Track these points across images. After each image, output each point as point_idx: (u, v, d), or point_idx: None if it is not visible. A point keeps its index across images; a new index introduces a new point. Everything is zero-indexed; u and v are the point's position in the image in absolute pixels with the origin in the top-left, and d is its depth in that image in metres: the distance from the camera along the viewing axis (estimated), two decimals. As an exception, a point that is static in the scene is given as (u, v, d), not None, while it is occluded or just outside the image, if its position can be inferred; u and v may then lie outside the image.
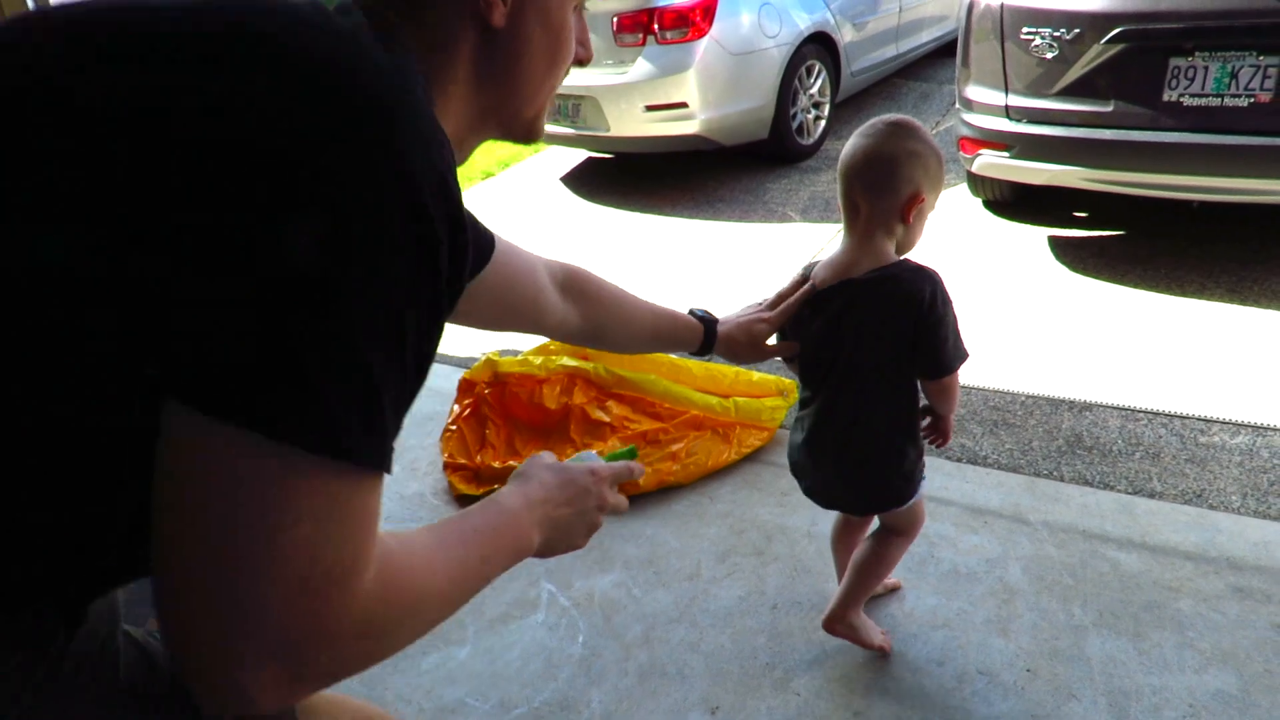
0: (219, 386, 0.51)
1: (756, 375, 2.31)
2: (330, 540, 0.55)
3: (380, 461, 0.57)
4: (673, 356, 2.35)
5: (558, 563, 1.85)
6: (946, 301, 1.25)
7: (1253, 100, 2.52)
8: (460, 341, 2.88)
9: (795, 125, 4.52)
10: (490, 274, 1.01)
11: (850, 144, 1.28)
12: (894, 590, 1.69)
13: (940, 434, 1.41)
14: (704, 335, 1.30)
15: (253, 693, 0.54)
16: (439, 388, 2.63)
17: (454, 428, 2.23)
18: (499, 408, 2.25)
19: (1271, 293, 2.81)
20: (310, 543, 0.54)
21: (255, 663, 0.53)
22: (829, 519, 1.91)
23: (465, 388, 2.30)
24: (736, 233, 3.90)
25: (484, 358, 2.33)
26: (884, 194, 1.25)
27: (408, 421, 0.64)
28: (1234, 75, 2.52)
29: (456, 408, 2.28)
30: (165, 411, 0.53)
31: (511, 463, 2.09)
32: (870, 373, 1.31)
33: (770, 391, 2.27)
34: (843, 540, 1.60)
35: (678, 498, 2.04)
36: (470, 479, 2.11)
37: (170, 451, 0.52)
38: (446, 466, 2.16)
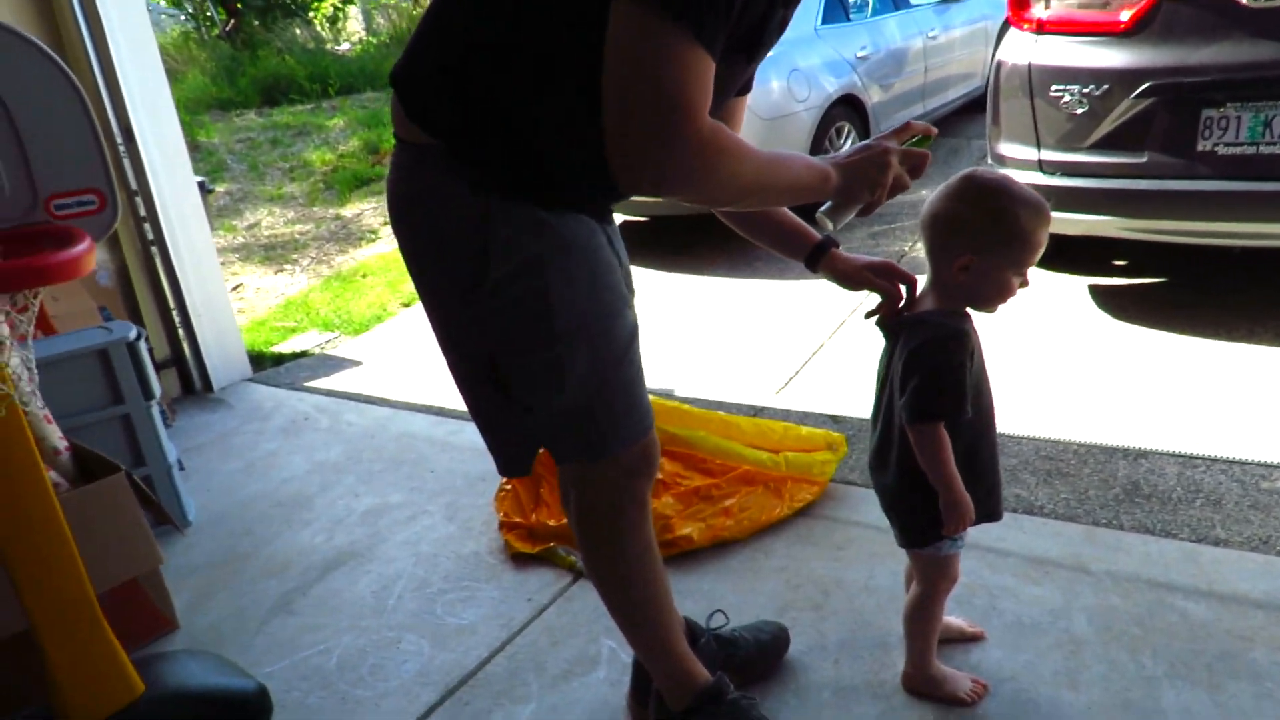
0: None
1: (805, 430, 2.34)
2: (681, 85, 0.93)
3: (711, 48, 0.95)
4: (723, 414, 2.38)
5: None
6: (940, 355, 1.31)
7: (1289, 147, 2.54)
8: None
9: (827, 184, 4.60)
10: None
11: None
12: (976, 639, 1.68)
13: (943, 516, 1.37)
14: (811, 252, 1.46)
15: (639, 168, 0.97)
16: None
17: (509, 487, 2.27)
18: (553, 466, 2.29)
19: (1322, 336, 2.79)
20: (671, 77, 0.93)
21: (637, 145, 0.96)
22: (884, 572, 1.91)
23: (519, 448, 2.35)
24: (773, 290, 3.96)
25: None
26: (931, 251, 1.36)
27: (460, 483, 0.78)
28: (1268, 124, 2.55)
29: (511, 467, 2.32)
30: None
31: (566, 520, 2.11)
32: (897, 408, 1.38)
33: (819, 446, 2.28)
34: (908, 579, 1.62)
35: (732, 553, 2.05)
36: (525, 537, 2.14)
37: (611, 27, 0.94)
38: (502, 525, 2.19)
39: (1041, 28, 2.95)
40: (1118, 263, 3.60)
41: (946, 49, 5.50)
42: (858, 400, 2.78)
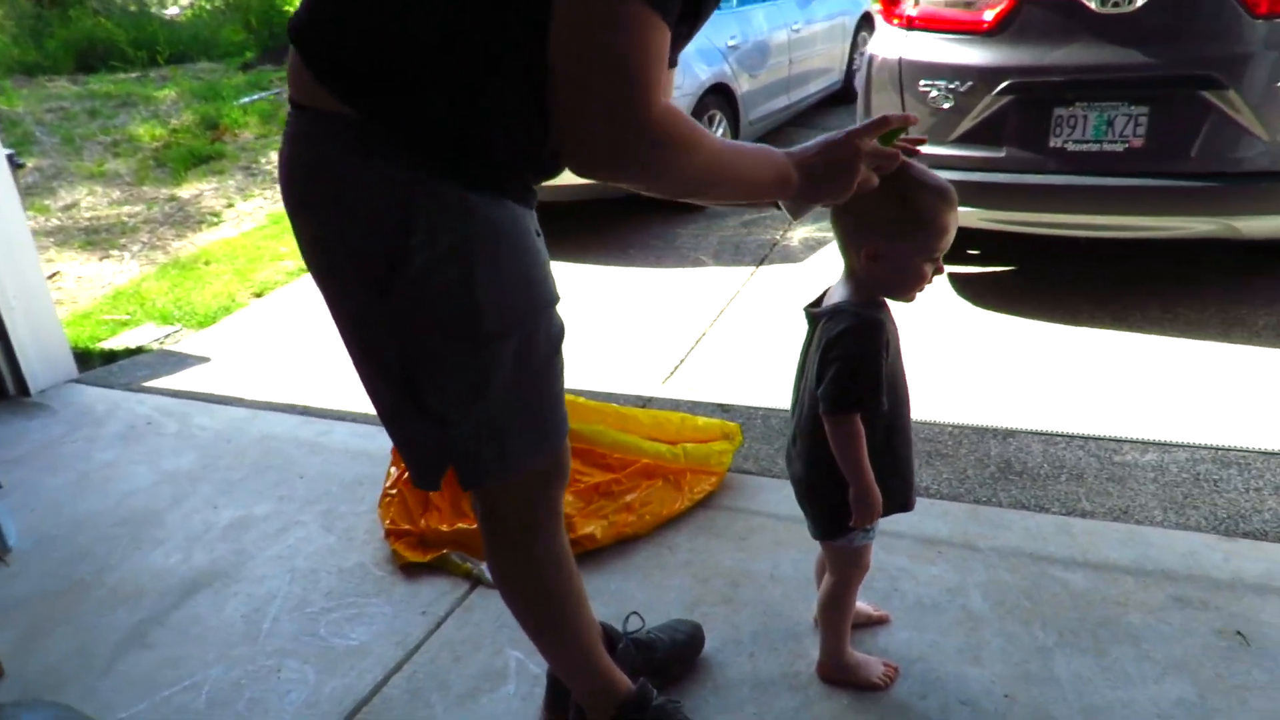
0: None
1: (702, 420, 2.31)
2: (637, 57, 0.86)
3: (668, 17, 0.87)
4: (618, 406, 2.32)
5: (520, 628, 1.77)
6: (856, 346, 1.30)
7: (1127, 145, 2.77)
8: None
9: (700, 172, 4.63)
10: None
11: None
12: (882, 622, 1.70)
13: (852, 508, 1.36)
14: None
15: (591, 151, 0.90)
16: (363, 449, 2.51)
17: (394, 491, 2.11)
18: (440, 467, 2.16)
19: (1151, 318, 3.07)
20: (628, 54, 0.85)
21: (591, 127, 0.88)
22: (789, 562, 1.92)
23: (403, 449, 2.19)
24: (651, 278, 3.94)
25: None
26: (841, 243, 1.34)
27: (336, 489, 0.63)
28: (1110, 123, 2.76)
29: (394, 470, 2.16)
30: None
31: (460, 525, 2.00)
32: (811, 399, 1.37)
33: (716, 436, 2.27)
34: (819, 568, 1.62)
35: (636, 550, 2.00)
36: (416, 545, 2.00)
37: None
38: (389, 533, 2.04)
39: (911, 24, 3.07)
40: (972, 251, 3.82)
41: (809, 42, 5.66)
42: (745, 388, 2.79)
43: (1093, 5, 2.70)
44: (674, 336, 3.26)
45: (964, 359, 2.90)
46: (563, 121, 0.89)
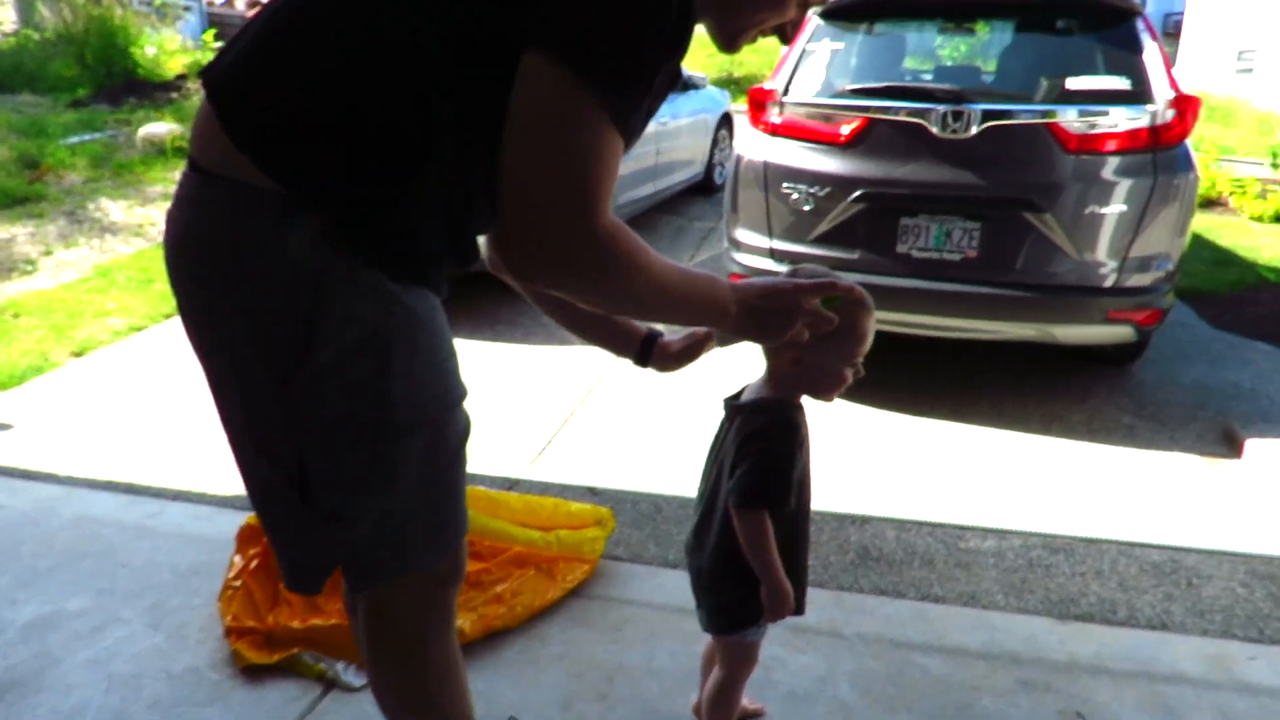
0: (571, 41, 0.84)
1: (575, 506, 2.28)
2: (593, 168, 0.85)
3: (625, 135, 0.89)
4: (489, 490, 2.25)
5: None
6: (772, 443, 1.33)
7: (963, 255, 3.06)
8: (239, 481, 2.53)
9: (569, 251, 4.68)
10: None
11: None
12: (757, 715, 1.70)
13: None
14: (640, 349, 1.37)
15: (535, 257, 0.88)
16: (201, 533, 2.28)
17: (238, 584, 1.92)
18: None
19: (981, 412, 3.34)
20: (583, 163, 0.85)
21: (539, 233, 0.87)
22: (664, 653, 1.90)
23: (251, 535, 2.01)
24: (517, 355, 3.89)
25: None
26: (764, 346, 1.35)
27: (167, 579, 0.57)
28: (949, 234, 3.05)
29: (239, 559, 1.97)
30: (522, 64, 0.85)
31: (314, 621, 1.83)
32: (723, 492, 1.37)
33: (589, 522, 2.23)
34: (707, 660, 1.60)
35: (507, 643, 1.91)
36: (261, 644, 1.81)
37: (520, 87, 0.85)
38: (230, 631, 1.84)
39: (775, 130, 3.29)
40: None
41: (675, 135, 5.94)
42: (614, 470, 2.79)
43: (934, 130, 3.01)
44: (541, 416, 3.22)
45: (817, 446, 3.03)
46: (509, 225, 0.86)
